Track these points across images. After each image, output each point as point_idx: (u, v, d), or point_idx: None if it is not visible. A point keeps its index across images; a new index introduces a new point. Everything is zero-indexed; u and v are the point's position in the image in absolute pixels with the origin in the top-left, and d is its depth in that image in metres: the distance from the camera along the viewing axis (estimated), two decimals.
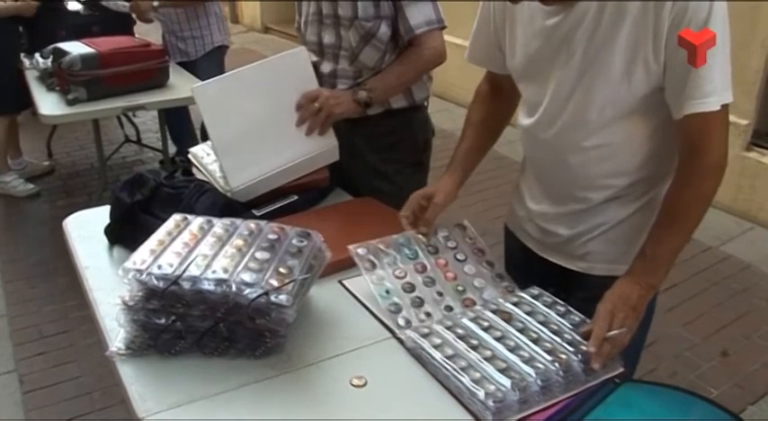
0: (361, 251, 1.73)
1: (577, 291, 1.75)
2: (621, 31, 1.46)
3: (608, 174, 1.64)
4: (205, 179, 2.11)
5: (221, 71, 4.71)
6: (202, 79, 4.43)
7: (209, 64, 4.74)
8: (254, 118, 2.06)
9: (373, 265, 1.71)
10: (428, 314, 1.61)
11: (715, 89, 1.43)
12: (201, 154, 2.22)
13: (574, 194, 1.71)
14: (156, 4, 4.68)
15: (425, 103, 2.47)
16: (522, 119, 1.77)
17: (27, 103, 4.55)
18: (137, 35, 5.02)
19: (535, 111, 1.69)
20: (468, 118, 1.96)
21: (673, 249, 1.54)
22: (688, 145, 1.51)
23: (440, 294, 1.67)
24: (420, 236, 1.82)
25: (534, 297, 1.62)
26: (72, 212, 2.22)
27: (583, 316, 1.54)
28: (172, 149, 5.30)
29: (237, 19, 11.83)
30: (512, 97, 1.90)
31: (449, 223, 1.90)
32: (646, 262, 1.53)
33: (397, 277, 1.69)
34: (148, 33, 5.31)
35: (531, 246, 1.89)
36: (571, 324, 1.52)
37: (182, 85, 4.19)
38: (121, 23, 5.19)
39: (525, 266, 1.90)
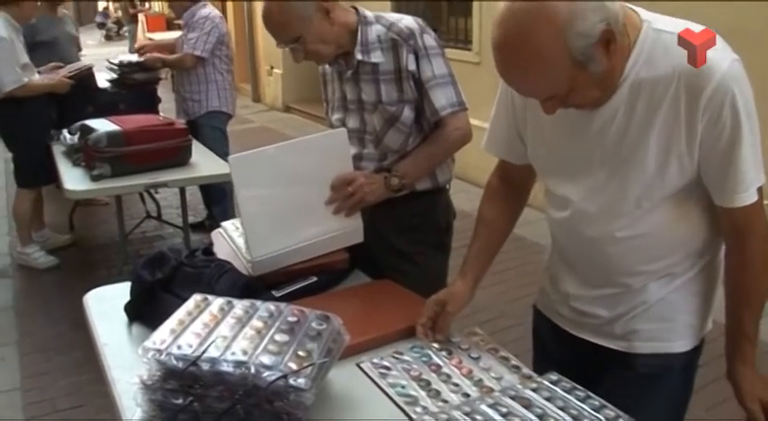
0: (375, 360, 1.75)
1: (618, 369, 1.75)
2: (653, 128, 1.49)
3: (647, 260, 1.65)
4: (226, 258, 2.14)
5: (222, 134, 5.40)
6: (201, 138, 4.83)
7: (208, 126, 5.35)
8: (284, 192, 2.10)
9: (387, 369, 1.72)
10: (445, 401, 1.59)
11: (753, 179, 1.50)
12: (231, 228, 2.28)
13: (612, 280, 1.71)
14: (159, 64, 5.43)
15: (448, 186, 2.51)
16: (553, 212, 1.77)
17: (53, 177, 4.64)
18: (161, 113, 5.18)
19: (566, 205, 1.70)
20: (480, 215, 1.95)
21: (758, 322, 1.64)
22: (734, 231, 1.58)
23: (456, 385, 1.66)
24: (433, 344, 1.82)
25: (553, 382, 1.61)
26: (91, 286, 2.24)
27: (602, 400, 1.52)
28: (190, 215, 5.37)
29: (259, 98, 12.09)
30: (524, 188, 1.93)
31: (460, 330, 1.90)
32: (752, 344, 1.62)
33: (412, 377, 1.69)
34: (172, 111, 5.47)
35: (567, 327, 1.87)
36: (591, 408, 1.51)
37: (204, 163, 4.25)
38: (147, 101, 5.35)
39: (558, 347, 1.90)
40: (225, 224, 2.39)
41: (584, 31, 1.35)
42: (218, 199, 5.42)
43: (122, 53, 5.74)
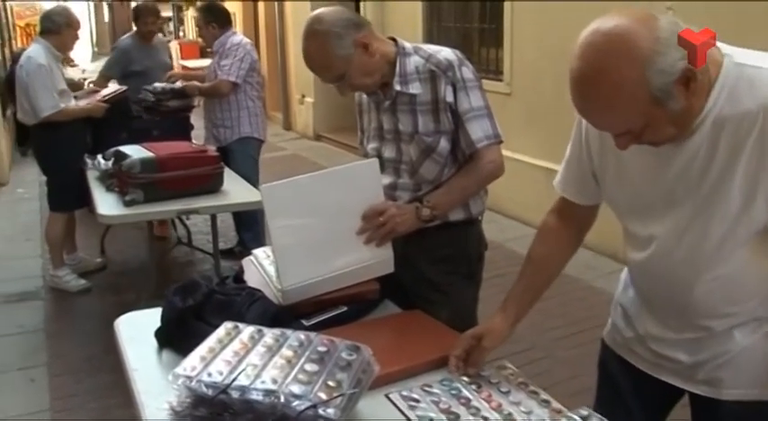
0: (404, 392, 1.73)
1: (705, 414, 1.71)
2: (738, 165, 1.45)
3: (730, 301, 1.60)
4: (257, 286, 2.15)
5: (254, 160, 5.44)
6: (234, 164, 4.86)
7: (241, 152, 5.39)
8: (315, 222, 2.11)
9: (416, 401, 1.70)
10: None
11: None
12: (262, 256, 2.30)
13: (693, 323, 1.65)
14: (197, 92, 5.51)
15: (480, 217, 2.51)
16: (632, 253, 1.73)
17: (86, 201, 4.71)
18: (194, 140, 5.24)
19: (646, 246, 1.66)
20: (531, 253, 1.91)
21: None
22: None
23: (485, 418, 1.64)
24: (463, 377, 1.80)
25: (583, 418, 1.60)
26: (121, 310, 2.26)
27: None
28: (220, 241, 5.39)
29: (290, 126, 12.18)
30: (582, 230, 1.90)
31: (490, 363, 1.88)
32: None
33: (441, 409, 1.67)
34: (202, 137, 5.54)
35: (643, 367, 1.81)
36: None
37: (235, 190, 4.26)
38: (180, 128, 5.42)
39: (628, 381, 1.85)
40: (256, 251, 2.41)
41: (665, 68, 1.33)
42: (249, 225, 5.46)
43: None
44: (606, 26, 1.36)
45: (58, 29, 5.03)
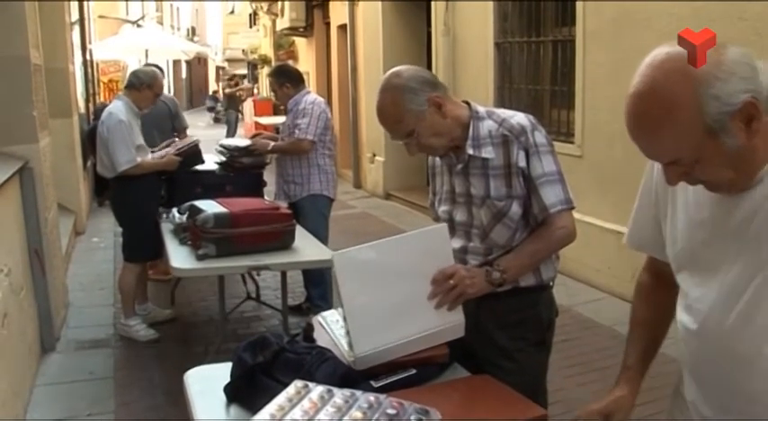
0: None
1: None
2: None
3: None
4: (326, 346, 2.15)
5: (324, 217, 5.47)
6: (303, 220, 4.92)
7: (311, 209, 5.46)
8: (386, 288, 2.11)
9: None
10: None
11: None
12: (332, 318, 2.30)
13: (751, 410, 1.45)
14: (270, 148, 5.53)
15: (552, 283, 2.49)
16: (682, 315, 1.58)
17: (159, 253, 4.81)
18: (265, 196, 5.34)
19: (698, 307, 1.52)
20: (635, 317, 1.84)
21: None
22: None
23: None
24: None
25: None
26: (188, 361, 2.28)
27: None
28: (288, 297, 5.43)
29: (361, 184, 12.32)
30: (674, 285, 1.73)
31: None
32: None
33: None
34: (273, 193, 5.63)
35: None
36: None
37: (305, 247, 4.28)
38: (253, 184, 5.52)
39: None
40: (325, 314, 2.42)
41: (722, 96, 1.26)
42: (317, 282, 5.49)
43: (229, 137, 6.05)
44: (670, 47, 1.31)
45: (140, 86, 5.23)
